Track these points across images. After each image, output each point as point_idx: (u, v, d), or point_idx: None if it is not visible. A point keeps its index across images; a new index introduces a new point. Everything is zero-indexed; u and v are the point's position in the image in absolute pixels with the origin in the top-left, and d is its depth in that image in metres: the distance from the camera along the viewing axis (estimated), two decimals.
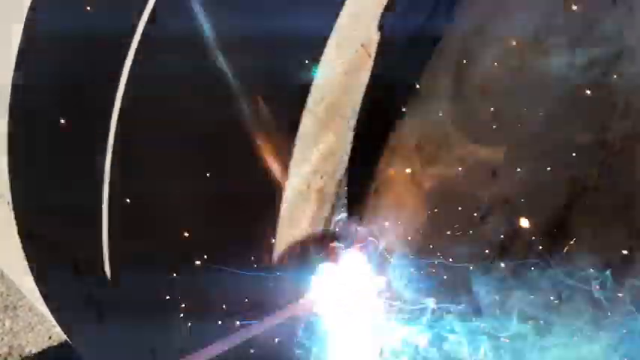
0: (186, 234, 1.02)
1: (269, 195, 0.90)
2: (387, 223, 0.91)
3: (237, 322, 0.94)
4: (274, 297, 0.93)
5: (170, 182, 1.04)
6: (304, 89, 0.88)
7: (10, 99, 1.30)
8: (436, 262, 1.04)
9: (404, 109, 0.89)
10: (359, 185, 0.85)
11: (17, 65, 1.29)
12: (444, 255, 1.05)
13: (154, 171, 1.07)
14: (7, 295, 2.79)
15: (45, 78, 1.26)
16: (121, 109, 1.10)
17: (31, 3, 1.25)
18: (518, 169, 1.11)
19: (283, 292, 0.93)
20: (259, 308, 0.94)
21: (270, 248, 0.90)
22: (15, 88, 1.30)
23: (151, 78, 1.08)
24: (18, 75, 1.29)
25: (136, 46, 1.08)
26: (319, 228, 0.86)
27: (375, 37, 0.86)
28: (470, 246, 1.08)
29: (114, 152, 1.11)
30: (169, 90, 1.05)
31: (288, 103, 0.90)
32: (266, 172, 0.91)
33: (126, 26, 1.08)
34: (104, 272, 1.16)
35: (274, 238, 0.89)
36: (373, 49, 0.86)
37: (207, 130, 1.00)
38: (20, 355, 2.57)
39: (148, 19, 1.05)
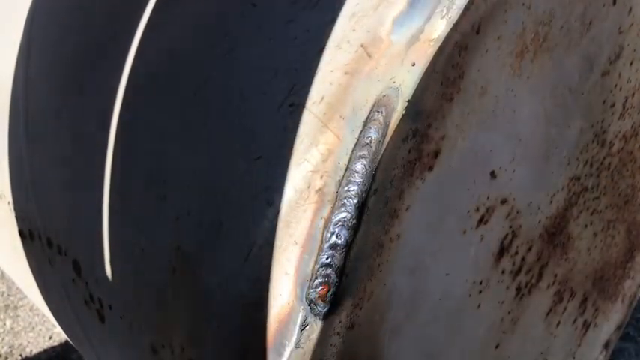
0: (186, 232, 1.03)
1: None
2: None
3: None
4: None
5: (169, 183, 1.04)
6: (304, 89, 0.89)
7: (11, 97, 1.31)
8: None
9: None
10: (359, 185, 0.85)
11: (18, 64, 1.30)
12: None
13: (154, 170, 1.07)
14: (8, 294, 2.80)
15: (45, 76, 1.26)
16: (120, 112, 1.10)
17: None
18: (518, 169, 1.11)
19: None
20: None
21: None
22: (15, 86, 1.30)
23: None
24: (19, 74, 1.30)
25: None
26: (318, 231, 0.86)
27: (375, 37, 0.86)
28: (469, 247, 1.08)
29: (114, 152, 1.11)
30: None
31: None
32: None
33: None
34: (104, 272, 1.16)
35: (273, 239, 0.89)
36: (373, 49, 0.86)
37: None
38: (21, 355, 2.57)
39: None
